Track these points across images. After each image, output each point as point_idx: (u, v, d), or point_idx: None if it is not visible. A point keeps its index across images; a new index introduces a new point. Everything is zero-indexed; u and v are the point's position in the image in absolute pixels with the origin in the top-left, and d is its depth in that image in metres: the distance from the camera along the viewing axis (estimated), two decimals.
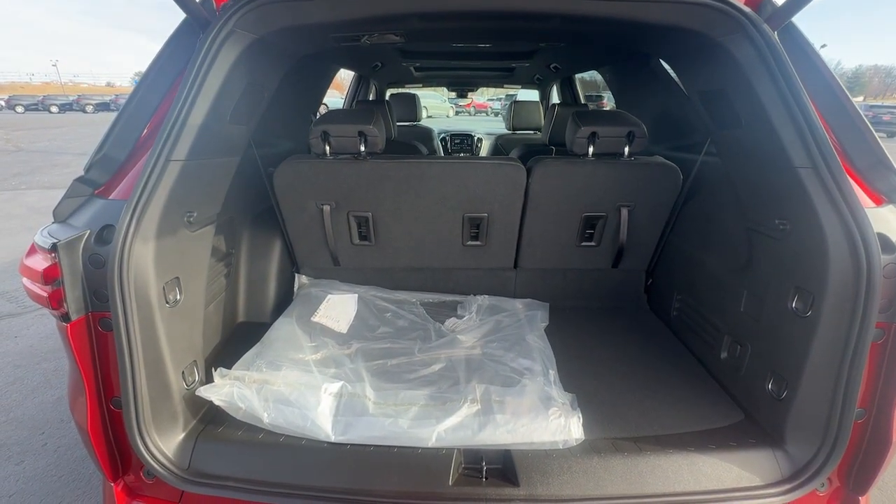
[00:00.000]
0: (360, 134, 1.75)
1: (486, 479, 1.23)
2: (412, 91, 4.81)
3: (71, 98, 39.02)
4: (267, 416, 1.31)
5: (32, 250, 1.13)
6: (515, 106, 4.26)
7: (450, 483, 1.20)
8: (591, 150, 1.82)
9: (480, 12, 1.34)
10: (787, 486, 1.21)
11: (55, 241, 1.08)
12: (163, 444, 1.25)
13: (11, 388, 2.86)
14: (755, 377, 1.44)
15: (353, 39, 1.61)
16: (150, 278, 1.19)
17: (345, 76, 4.59)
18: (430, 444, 1.26)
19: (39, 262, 1.08)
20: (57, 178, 9.53)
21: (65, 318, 1.11)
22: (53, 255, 1.06)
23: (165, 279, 1.26)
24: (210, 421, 1.38)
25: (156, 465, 1.21)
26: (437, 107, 23.35)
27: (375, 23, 1.43)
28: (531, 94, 5.25)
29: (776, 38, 1.25)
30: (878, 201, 1.21)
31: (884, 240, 1.11)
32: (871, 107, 23.84)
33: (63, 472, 2.23)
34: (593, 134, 1.79)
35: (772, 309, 1.38)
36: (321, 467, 1.25)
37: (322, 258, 2.12)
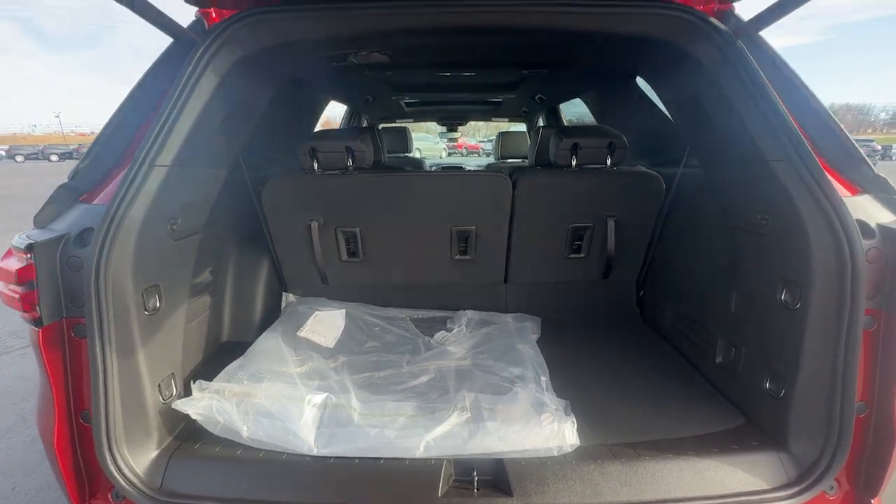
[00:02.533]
0: (348, 150, 1.79)
1: (478, 489, 1.16)
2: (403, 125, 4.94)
3: (71, 147, 39.77)
4: (246, 429, 1.24)
5: (8, 253, 1.11)
6: (503, 137, 4.39)
7: (439, 495, 1.13)
8: (573, 161, 1.86)
9: (457, 28, 1.40)
10: (794, 490, 1.15)
11: (32, 241, 1.06)
12: (134, 461, 1.17)
13: None
14: (752, 378, 1.40)
15: (340, 59, 1.68)
16: (128, 283, 1.17)
17: (338, 116, 4.70)
18: (417, 455, 1.20)
19: (14, 263, 1.06)
20: None
21: (37, 322, 1.08)
22: (29, 255, 1.05)
23: (145, 285, 1.24)
24: (186, 438, 1.31)
25: (124, 484, 1.13)
26: (430, 148, 24.03)
27: (360, 40, 1.49)
28: (520, 129, 5.42)
29: (739, 42, 1.32)
30: (854, 191, 1.23)
31: (863, 226, 1.13)
32: None
33: None
34: (575, 145, 1.84)
35: (762, 305, 1.37)
36: (303, 482, 1.18)
37: (310, 276, 2.09)
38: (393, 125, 4.96)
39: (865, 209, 1.18)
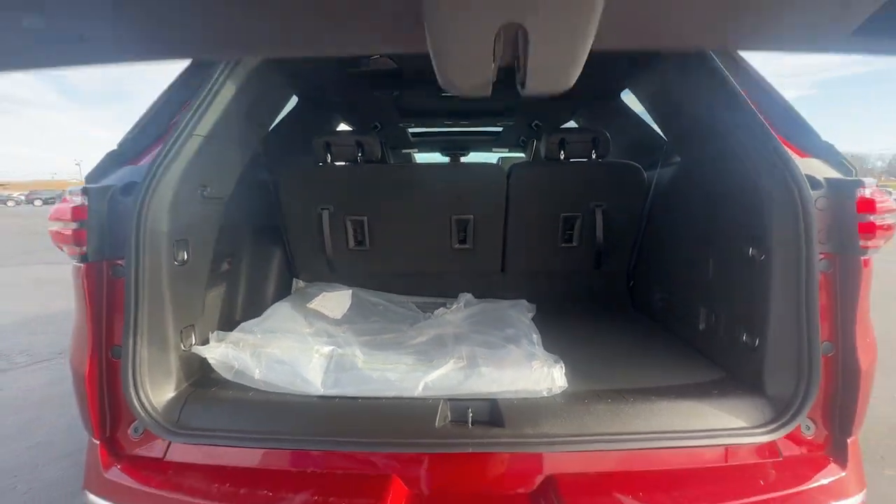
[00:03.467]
0: (358, 144, 1.99)
1: (473, 424, 1.24)
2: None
3: None
4: (258, 372, 1.35)
5: (64, 200, 1.28)
6: (502, 161, 4.66)
7: (436, 426, 1.21)
8: (562, 154, 2.06)
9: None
10: (771, 427, 1.22)
11: (87, 187, 1.23)
12: (154, 398, 1.27)
13: None
14: (731, 336, 1.50)
15: (353, 66, 1.92)
16: (163, 232, 1.32)
17: None
18: (416, 394, 1.29)
19: (70, 204, 1.22)
20: (62, 255, 9.81)
21: (83, 258, 1.22)
22: (84, 197, 1.21)
23: (177, 237, 1.39)
24: (201, 385, 1.41)
25: (145, 417, 1.23)
26: None
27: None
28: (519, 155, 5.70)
29: None
30: (804, 156, 1.39)
31: (811, 179, 1.28)
32: None
33: None
34: (562, 140, 2.04)
35: (734, 265, 1.49)
36: (308, 417, 1.27)
37: (319, 265, 2.24)
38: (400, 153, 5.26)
39: (814, 167, 1.33)
